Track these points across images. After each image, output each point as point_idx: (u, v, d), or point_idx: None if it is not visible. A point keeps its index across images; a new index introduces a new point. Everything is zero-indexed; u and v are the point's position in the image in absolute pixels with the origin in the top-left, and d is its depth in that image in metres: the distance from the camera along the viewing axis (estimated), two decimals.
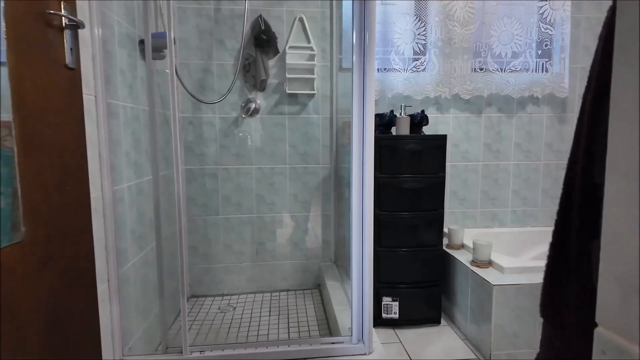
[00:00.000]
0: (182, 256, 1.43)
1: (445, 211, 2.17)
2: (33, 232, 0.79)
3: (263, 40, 2.15)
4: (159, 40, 1.56)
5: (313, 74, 2.23)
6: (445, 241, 2.14)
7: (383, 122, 1.96)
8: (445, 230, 2.15)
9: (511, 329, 1.65)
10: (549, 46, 2.30)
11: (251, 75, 2.22)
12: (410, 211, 1.90)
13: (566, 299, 0.49)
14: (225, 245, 2.34)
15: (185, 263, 1.53)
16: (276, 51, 2.20)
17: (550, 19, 2.26)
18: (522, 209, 2.46)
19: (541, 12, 2.26)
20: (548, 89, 2.31)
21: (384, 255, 1.90)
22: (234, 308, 2.19)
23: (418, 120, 1.94)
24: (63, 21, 0.91)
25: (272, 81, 2.26)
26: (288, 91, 2.22)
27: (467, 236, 2.15)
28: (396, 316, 1.94)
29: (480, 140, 2.38)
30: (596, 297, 0.37)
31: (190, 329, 1.95)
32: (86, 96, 1.14)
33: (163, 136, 1.95)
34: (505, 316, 1.64)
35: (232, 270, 2.36)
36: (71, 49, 0.94)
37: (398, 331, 1.93)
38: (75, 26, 0.94)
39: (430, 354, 1.73)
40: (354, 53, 1.36)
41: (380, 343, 1.60)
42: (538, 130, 2.41)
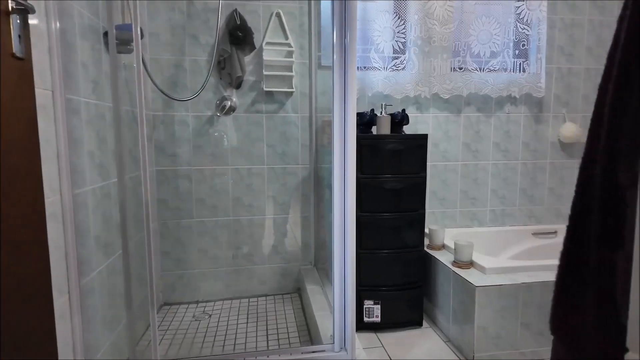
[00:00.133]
0: (151, 263, 1.33)
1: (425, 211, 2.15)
2: None
3: (238, 35, 2.06)
4: (125, 32, 1.46)
5: (291, 72, 2.16)
6: (426, 242, 2.12)
7: (363, 121, 1.91)
8: (425, 230, 2.12)
9: (494, 330, 1.63)
10: (526, 46, 2.31)
11: (226, 72, 2.12)
12: (391, 212, 1.86)
13: (584, 318, 0.43)
14: (200, 249, 2.23)
15: (154, 270, 1.43)
16: (252, 47, 2.12)
17: (527, 19, 2.27)
18: (501, 209, 2.47)
19: (518, 12, 2.27)
20: (525, 89, 2.33)
21: (365, 257, 1.85)
22: (210, 316, 2.09)
23: (399, 119, 1.91)
24: (9, 4, 0.81)
25: (249, 78, 2.18)
26: (265, 89, 2.14)
27: (447, 236, 2.13)
28: (378, 319, 1.89)
29: (459, 139, 2.37)
30: (622, 317, 0.32)
31: (162, 340, 1.84)
32: (41, 90, 1.03)
33: (132, 135, 1.84)
34: (487, 317, 1.62)
35: (208, 275, 2.26)
36: (19, 37, 0.84)
37: (380, 335, 1.89)
38: (24, 10, 0.84)
39: (413, 358, 1.69)
40: (335, 52, 1.32)
41: (362, 349, 1.55)
42: (516, 129, 2.42)
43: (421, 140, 1.85)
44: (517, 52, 2.31)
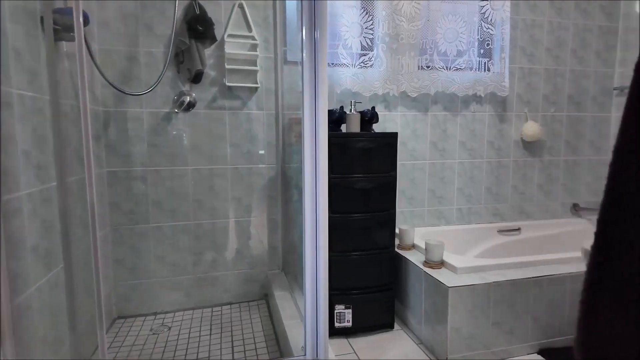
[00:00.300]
0: (98, 274, 1.18)
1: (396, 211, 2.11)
2: None
3: (198, 28, 1.92)
4: (66, 17, 1.29)
5: (256, 66, 2.04)
6: (396, 242, 2.08)
7: (333, 119, 1.84)
8: (395, 230, 2.08)
9: (467, 331, 1.61)
10: (490, 46, 2.34)
11: (185, 66, 1.98)
12: (361, 212, 1.80)
13: (620, 342, 0.37)
14: (157, 257, 2.07)
15: (103, 281, 1.28)
16: (213, 39, 1.99)
17: (491, 19, 2.29)
18: (467, 207, 2.49)
19: (483, 12, 2.29)
20: (490, 88, 2.35)
21: (336, 260, 1.78)
22: (169, 328, 1.94)
23: (369, 117, 1.85)
24: None
25: (209, 72, 2.04)
26: (227, 84, 2.02)
27: (416, 235, 2.11)
28: (349, 324, 1.83)
29: (427, 138, 2.36)
30: None
31: (115, 358, 1.67)
32: None
33: (78, 133, 1.65)
34: (460, 318, 1.60)
35: (166, 284, 2.09)
36: None
37: (352, 340, 1.82)
38: None
39: None
40: (304, 49, 1.24)
41: (334, 356, 1.47)
42: (481, 128, 2.44)
43: (391, 138, 1.80)
44: (482, 52, 2.33)
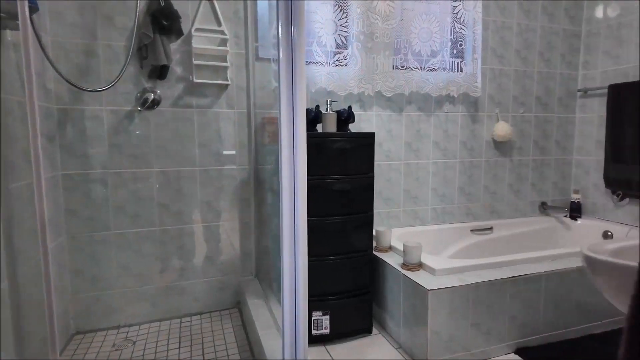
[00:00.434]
0: (50, 288, 1.05)
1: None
2: None
3: (163, 21, 1.80)
4: (11, 1, 1.15)
5: (226, 62, 1.94)
6: (372, 244, 2.04)
7: (308, 119, 1.76)
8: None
9: (446, 334, 1.59)
10: (463, 46, 2.35)
11: (149, 61, 1.85)
12: (339, 215, 1.74)
13: None
14: (120, 266, 1.92)
15: (54, 296, 1.15)
16: (179, 33, 1.87)
17: (463, 19, 2.30)
18: (441, 207, 2.49)
19: (456, 12, 2.29)
20: (463, 89, 2.36)
21: (312, 265, 1.68)
22: (134, 342, 1.80)
23: (345, 117, 1.80)
24: None
25: (176, 68, 1.92)
26: (195, 80, 1.90)
27: (393, 237, 2.08)
28: (327, 331, 1.76)
29: (402, 138, 2.34)
30: None
31: None
32: None
33: (25, 132, 1.50)
34: (440, 321, 1.57)
35: (130, 295, 1.95)
36: None
37: (329, 347, 1.76)
38: None
39: None
40: (280, 47, 1.17)
41: None
42: (454, 128, 2.45)
43: (369, 138, 1.76)
44: (455, 52, 2.34)
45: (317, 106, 1.82)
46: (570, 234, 2.59)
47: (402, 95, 2.28)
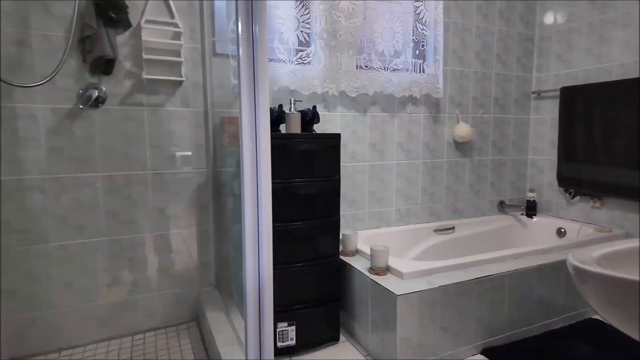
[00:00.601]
0: None
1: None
2: None
3: (110, 13, 1.63)
4: None
5: (179, 57, 1.80)
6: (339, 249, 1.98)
7: (271, 119, 1.66)
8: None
9: (416, 339, 1.55)
10: (425, 47, 2.35)
11: (93, 55, 1.67)
12: (304, 220, 1.66)
13: None
14: (62, 282, 1.73)
15: None
16: (127, 24, 1.71)
17: (425, 20, 2.30)
18: (405, 207, 2.48)
19: (418, 12, 2.29)
20: (425, 90, 2.36)
21: (277, 274, 1.61)
22: None
23: (310, 117, 1.72)
24: None
25: (124, 63, 1.76)
26: (146, 76, 1.74)
27: (359, 239, 2.03)
28: (293, 342, 1.68)
29: (366, 139, 2.30)
30: None
31: None
32: None
33: None
34: (409, 326, 1.53)
35: (74, 314, 1.76)
36: None
37: (296, 359, 1.68)
38: None
39: None
40: (241, 44, 1.09)
41: None
42: (417, 129, 2.45)
43: (334, 139, 1.69)
44: (418, 53, 2.33)
45: (280, 105, 1.73)
46: (526, 232, 2.68)
47: (366, 95, 2.24)
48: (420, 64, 2.35)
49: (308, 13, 2.01)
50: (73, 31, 1.58)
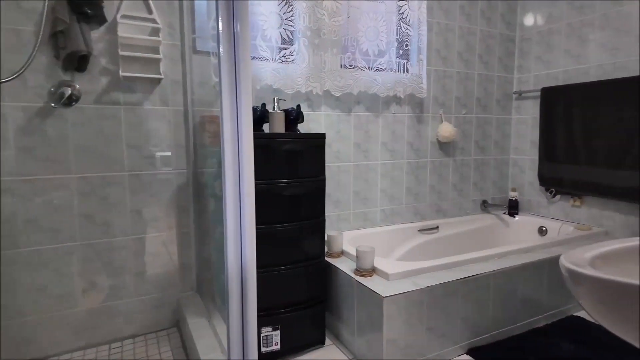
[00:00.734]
0: None
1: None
2: None
3: (86, 9, 1.56)
4: None
5: (158, 54, 1.74)
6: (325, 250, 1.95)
7: (254, 118, 1.62)
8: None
9: (402, 341, 1.54)
10: (409, 47, 2.34)
11: (66, 51, 1.59)
12: (289, 222, 1.63)
13: None
14: (34, 289, 1.65)
15: None
16: (102, 19, 1.64)
17: (409, 19, 2.29)
18: (390, 207, 2.47)
19: (402, 12, 2.28)
20: (409, 89, 2.35)
21: (261, 276, 1.56)
22: None
23: (294, 116, 1.68)
24: None
25: (99, 59, 1.68)
26: (122, 74, 1.68)
27: (344, 240, 2.01)
28: (278, 347, 1.64)
29: (351, 139, 2.28)
30: None
31: None
32: None
33: None
34: (396, 328, 1.52)
35: (47, 322, 1.68)
36: None
37: None
38: None
39: None
40: (222, 43, 1.05)
41: None
42: (401, 129, 2.44)
43: (319, 139, 1.66)
44: (401, 52, 2.33)
45: (264, 104, 1.69)
46: (509, 230, 2.70)
47: (351, 95, 2.22)
48: (404, 64, 2.34)
49: (291, 10, 1.98)
50: (43, 26, 1.50)
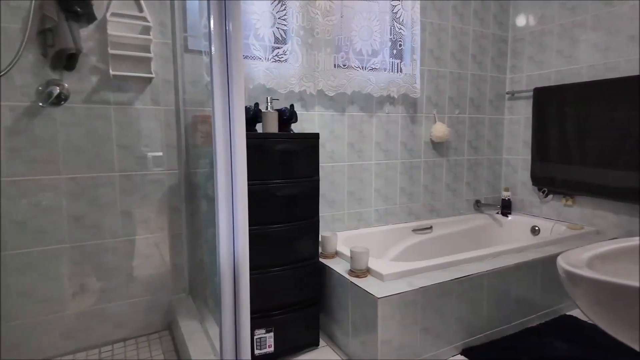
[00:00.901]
0: None
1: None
2: None
3: (76, 7, 1.53)
4: None
5: (149, 53, 1.71)
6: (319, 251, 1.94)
7: (247, 117, 1.60)
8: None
9: (397, 341, 1.53)
10: (402, 47, 2.34)
11: (55, 49, 1.56)
12: (283, 223, 1.61)
13: None
14: (20, 292, 1.61)
15: None
16: (91, 17, 1.61)
17: (402, 19, 2.29)
18: (384, 208, 2.46)
19: (395, 12, 2.27)
20: (403, 89, 2.35)
21: (255, 278, 1.54)
22: None
23: (287, 116, 1.67)
24: None
25: (89, 58, 1.65)
26: (113, 73, 1.64)
27: (338, 241, 1.99)
28: (271, 349, 1.62)
29: (344, 139, 2.27)
30: None
31: None
32: None
33: None
34: (390, 328, 1.51)
35: (34, 326, 1.64)
36: None
37: None
38: None
39: None
40: (213, 42, 1.03)
41: None
42: (395, 129, 2.44)
43: (313, 139, 1.65)
44: (395, 52, 2.32)
45: (257, 104, 1.67)
46: (502, 230, 2.71)
47: (345, 94, 2.21)
48: (397, 64, 2.34)
49: (284, 9, 1.96)
50: (30, 23, 1.46)
